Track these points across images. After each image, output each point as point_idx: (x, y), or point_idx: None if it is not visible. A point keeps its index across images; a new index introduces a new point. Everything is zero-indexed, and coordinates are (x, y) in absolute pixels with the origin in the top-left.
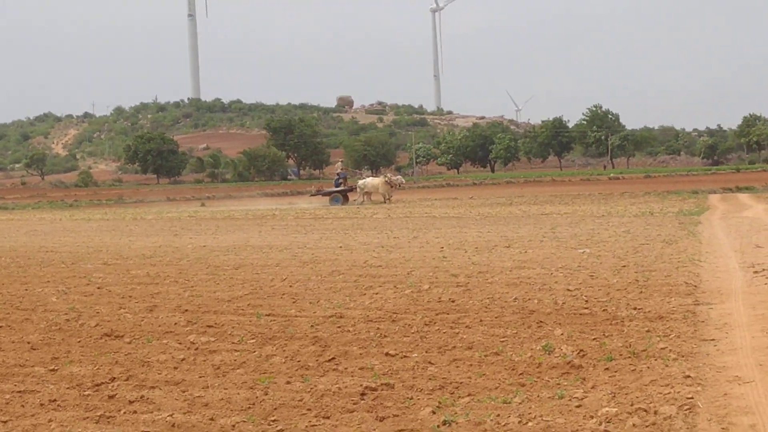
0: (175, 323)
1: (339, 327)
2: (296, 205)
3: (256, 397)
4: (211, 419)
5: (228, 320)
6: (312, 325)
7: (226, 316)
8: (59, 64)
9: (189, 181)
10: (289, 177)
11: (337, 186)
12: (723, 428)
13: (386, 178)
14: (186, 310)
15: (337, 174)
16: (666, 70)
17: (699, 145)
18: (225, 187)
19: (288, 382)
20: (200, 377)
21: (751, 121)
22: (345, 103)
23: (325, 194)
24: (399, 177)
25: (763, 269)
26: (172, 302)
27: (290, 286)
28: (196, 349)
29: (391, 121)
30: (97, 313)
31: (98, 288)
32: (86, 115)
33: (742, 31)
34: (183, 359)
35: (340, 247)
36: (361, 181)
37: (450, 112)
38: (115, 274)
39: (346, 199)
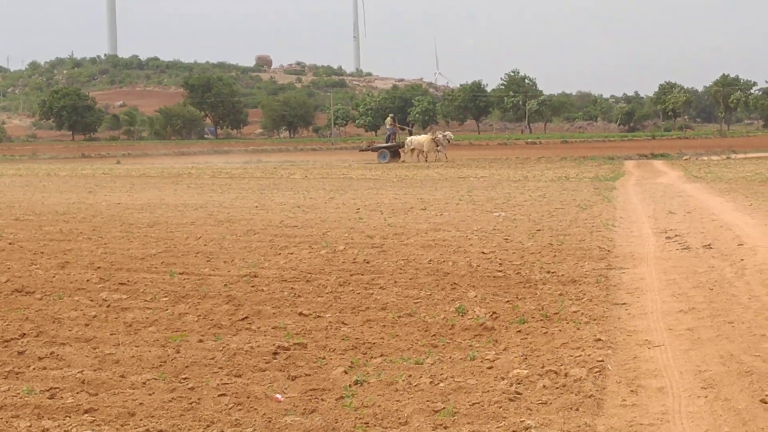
0: (87, 280)
1: (253, 286)
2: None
3: (168, 355)
4: (122, 376)
5: (141, 278)
6: (226, 284)
7: (139, 273)
8: None
9: (104, 138)
10: (206, 136)
11: (387, 142)
12: (632, 390)
13: (433, 136)
14: (99, 267)
15: (387, 130)
16: (584, 37)
17: (616, 111)
18: (141, 144)
19: (200, 341)
20: (111, 334)
21: (667, 89)
22: (264, 63)
23: (374, 150)
24: (447, 133)
25: (676, 235)
26: (84, 259)
27: (205, 245)
28: (108, 306)
29: (309, 82)
30: (8, 268)
31: (9, 244)
32: (0, 69)
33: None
34: (94, 316)
35: (256, 206)
36: (408, 139)
37: (369, 74)
38: (27, 230)
39: (395, 156)
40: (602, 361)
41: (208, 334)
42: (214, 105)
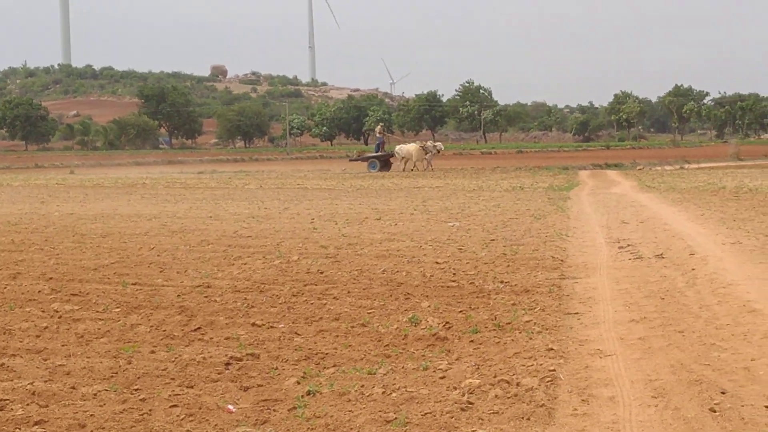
0: (39, 291)
1: (206, 297)
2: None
3: (120, 366)
4: (73, 388)
5: (93, 289)
6: (179, 295)
7: (91, 284)
8: None
9: (58, 148)
10: (160, 146)
11: (377, 152)
12: (583, 400)
13: (421, 145)
14: (50, 278)
15: (377, 139)
16: (539, 47)
17: (571, 121)
18: (95, 155)
19: (152, 352)
20: (63, 346)
21: (621, 99)
22: (219, 73)
23: (363, 159)
24: (438, 144)
25: (628, 245)
26: (36, 270)
27: (158, 256)
28: (60, 317)
29: (265, 92)
30: None
31: None
32: None
33: (614, 11)
34: (46, 327)
35: (210, 217)
36: (397, 147)
37: (324, 84)
38: None
39: (386, 166)
40: (554, 370)
41: (160, 344)
42: (168, 115)
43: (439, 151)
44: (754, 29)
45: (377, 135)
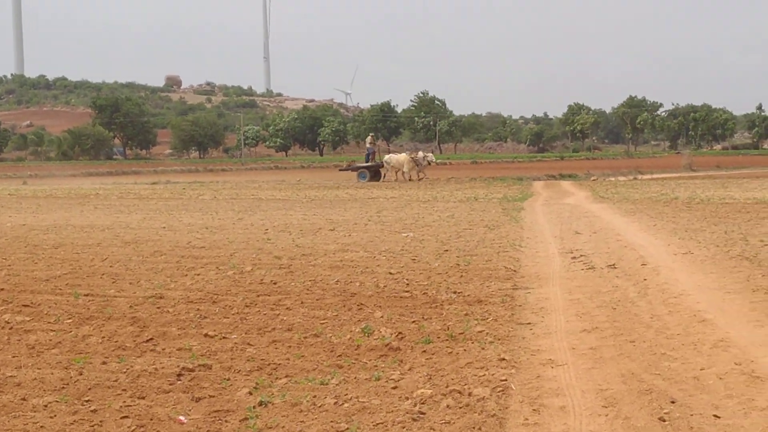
0: None
1: (158, 308)
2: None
3: (71, 378)
4: (23, 399)
5: (45, 300)
6: (131, 306)
7: (43, 295)
8: None
9: (11, 158)
10: (114, 156)
11: (367, 162)
12: (534, 410)
13: (411, 155)
14: (2, 289)
15: (367, 149)
16: (494, 59)
17: (525, 132)
18: (48, 165)
19: (104, 363)
20: (13, 357)
21: (575, 110)
22: (173, 83)
23: (353, 169)
24: (430, 155)
25: (581, 255)
26: None
27: (110, 266)
28: (11, 328)
29: (219, 102)
30: None
31: None
32: None
33: (567, 22)
34: None
35: (164, 227)
36: (386, 157)
37: (280, 94)
38: None
39: (376, 176)
40: (506, 380)
41: (112, 356)
42: (122, 125)
43: (429, 163)
44: (705, 42)
45: (367, 145)
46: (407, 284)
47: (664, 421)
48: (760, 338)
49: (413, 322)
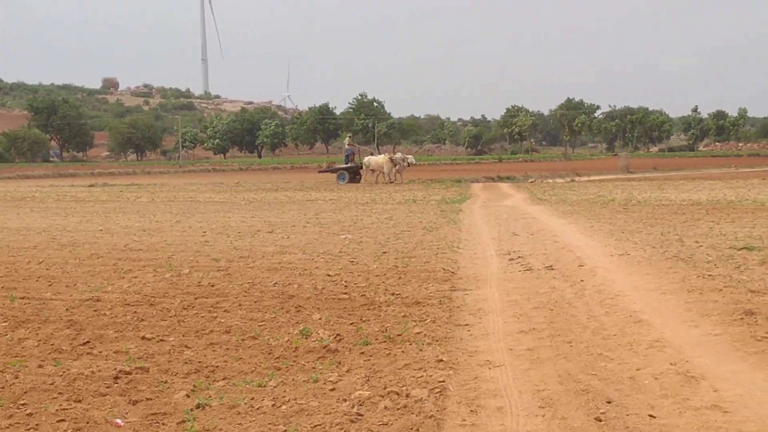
0: None
1: (95, 310)
2: None
3: (6, 381)
4: None
5: None
6: (67, 309)
7: None
8: None
9: None
10: (51, 159)
11: (346, 163)
12: (472, 410)
13: (389, 156)
14: None
15: (346, 150)
16: (431, 61)
17: (463, 134)
18: None
19: (40, 366)
20: None
21: (513, 112)
22: (110, 85)
23: (333, 171)
24: (410, 157)
25: (519, 256)
26: None
27: (47, 269)
28: None
29: (157, 105)
30: None
31: None
32: None
33: (506, 25)
34: None
35: (101, 230)
36: (366, 159)
37: (218, 97)
38: None
39: (355, 177)
40: (443, 381)
41: (48, 359)
42: (59, 128)
43: (409, 164)
44: (642, 45)
45: (346, 146)
46: (345, 286)
47: (601, 421)
48: (694, 338)
49: (351, 323)
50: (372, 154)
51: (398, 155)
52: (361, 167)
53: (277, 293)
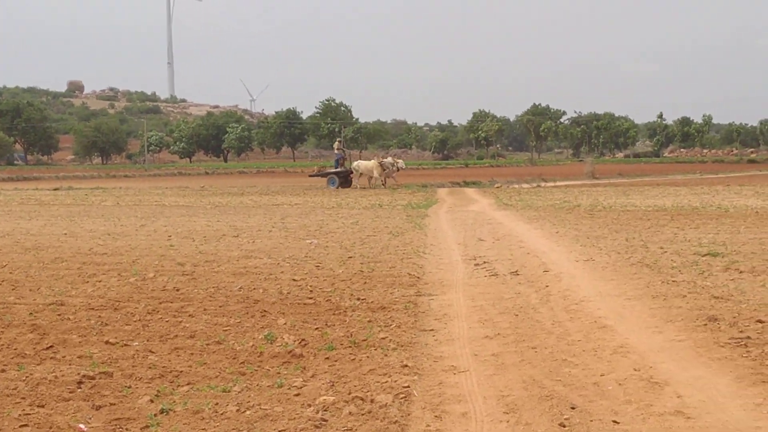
0: None
1: (59, 315)
2: None
3: None
4: None
5: None
6: (31, 313)
7: None
8: None
9: None
10: (15, 162)
11: (336, 167)
12: (436, 416)
13: (379, 161)
14: None
15: (335, 154)
16: (399, 65)
17: (430, 139)
18: None
19: (2, 371)
20: None
21: (480, 117)
22: (75, 88)
23: (323, 175)
24: (400, 162)
25: (484, 262)
26: None
27: (10, 273)
28: None
29: (123, 108)
30: None
31: None
32: None
33: (472, 29)
34: None
35: (65, 234)
36: (355, 163)
37: (184, 101)
38: None
39: (346, 182)
40: (408, 387)
41: (11, 363)
42: (24, 131)
43: (399, 169)
44: (608, 51)
45: (335, 151)
46: (311, 291)
47: (564, 426)
48: (658, 344)
49: (316, 328)
50: (384, 158)
51: (388, 159)
52: (351, 172)
53: (242, 298)
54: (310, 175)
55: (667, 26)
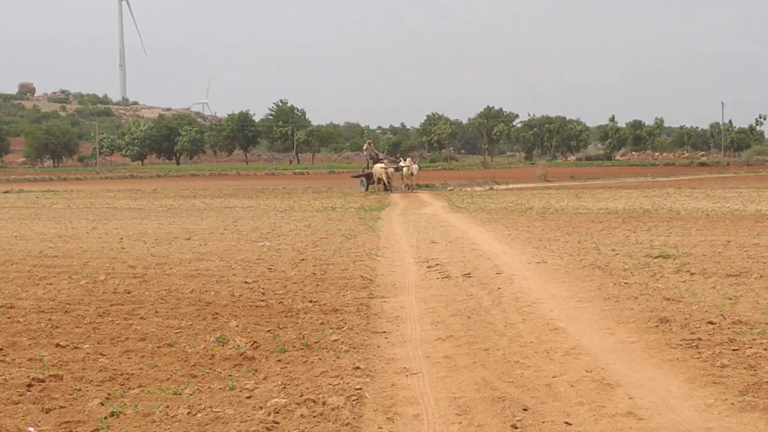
0: None
1: (9, 317)
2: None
3: None
4: None
5: None
6: None
7: None
8: None
9: None
10: None
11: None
12: (388, 418)
13: (383, 165)
14: None
15: (365, 156)
16: (352, 69)
17: (383, 142)
18: None
19: None
20: None
21: (433, 120)
22: (26, 90)
23: (356, 177)
24: (414, 165)
25: (437, 264)
26: None
27: None
28: None
29: (74, 111)
30: None
31: None
32: None
33: (424, 33)
34: None
35: (16, 236)
36: (374, 167)
37: (136, 103)
38: None
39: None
40: (360, 389)
41: None
42: None
43: (397, 170)
44: (559, 55)
45: (364, 153)
46: (263, 293)
47: (517, 428)
48: (610, 346)
49: (268, 331)
50: (401, 160)
51: (401, 163)
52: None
53: (194, 300)
54: (354, 176)
55: (622, 33)
